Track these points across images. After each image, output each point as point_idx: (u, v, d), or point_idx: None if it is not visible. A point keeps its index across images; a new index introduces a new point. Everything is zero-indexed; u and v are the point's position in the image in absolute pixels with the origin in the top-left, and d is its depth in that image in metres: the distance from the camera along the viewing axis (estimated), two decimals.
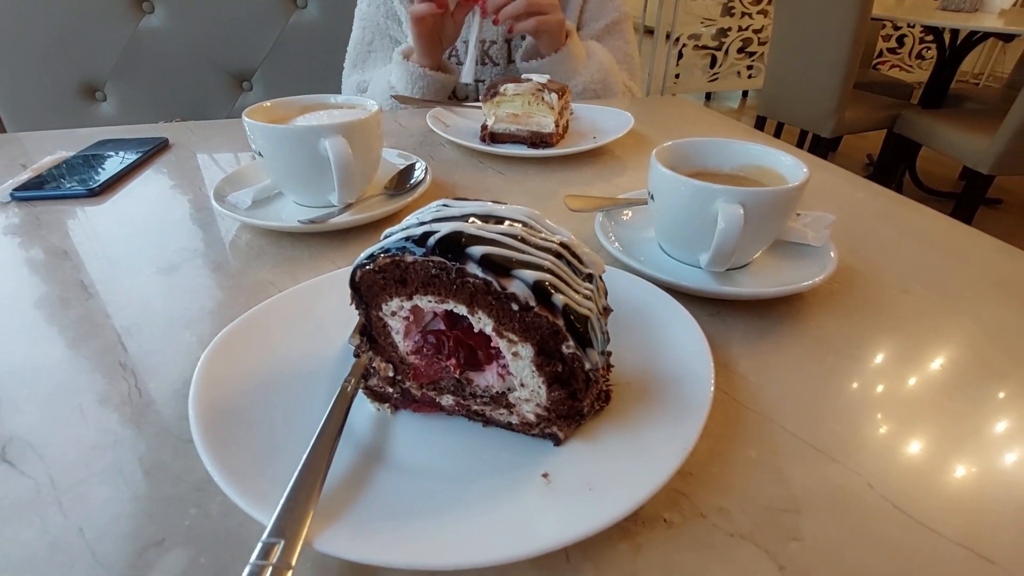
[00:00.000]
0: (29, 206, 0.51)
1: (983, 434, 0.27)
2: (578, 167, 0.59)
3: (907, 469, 0.25)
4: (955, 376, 0.30)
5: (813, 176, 0.56)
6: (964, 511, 0.23)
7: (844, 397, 0.29)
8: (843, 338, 0.33)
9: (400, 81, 0.79)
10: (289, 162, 0.43)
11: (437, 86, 0.80)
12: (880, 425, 0.27)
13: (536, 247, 0.22)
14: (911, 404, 0.28)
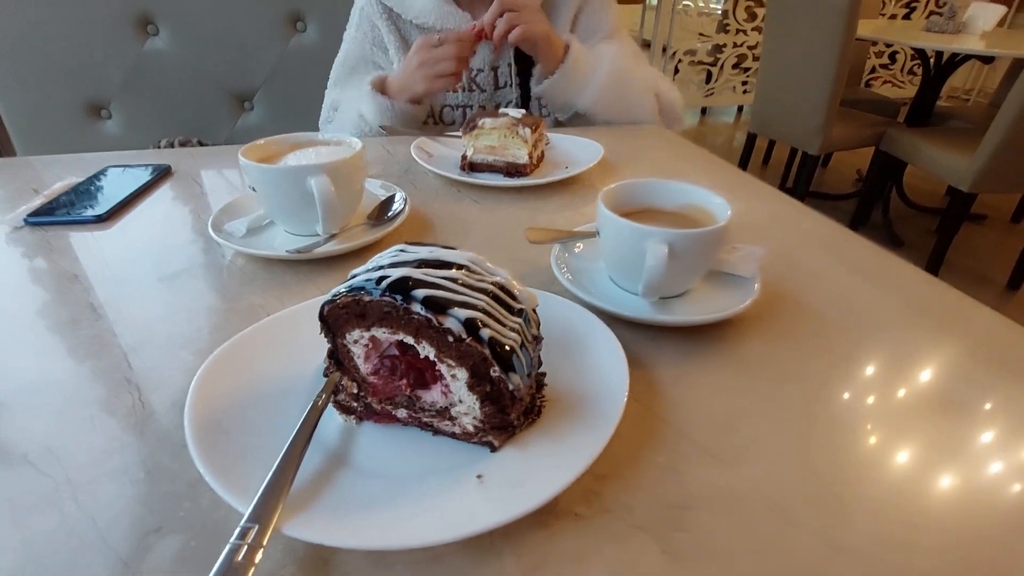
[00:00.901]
0: (42, 231, 0.56)
1: (858, 447, 0.31)
2: (549, 196, 0.64)
3: (786, 474, 0.29)
4: (851, 395, 0.35)
5: (766, 206, 0.61)
6: (826, 509, 0.27)
7: (747, 412, 0.33)
8: (759, 360, 0.38)
9: (370, 111, 0.82)
10: (279, 197, 0.48)
11: (407, 118, 0.83)
12: (772, 437, 0.32)
13: (473, 288, 0.27)
14: (804, 418, 0.33)
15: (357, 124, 0.86)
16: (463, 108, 0.91)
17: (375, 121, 0.83)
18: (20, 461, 0.30)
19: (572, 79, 0.83)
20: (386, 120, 0.82)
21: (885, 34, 2.41)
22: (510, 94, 0.91)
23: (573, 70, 0.82)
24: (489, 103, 0.91)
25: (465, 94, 0.90)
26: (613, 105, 0.88)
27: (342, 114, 0.91)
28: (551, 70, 0.82)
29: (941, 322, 0.43)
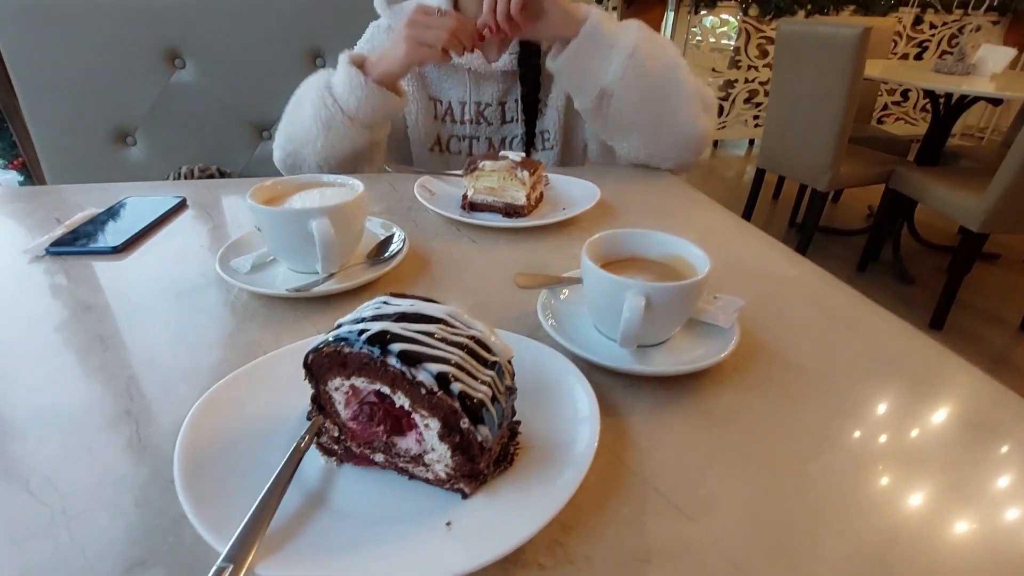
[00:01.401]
0: (61, 260, 0.59)
1: (822, 503, 0.32)
2: (545, 237, 0.66)
3: (748, 529, 0.30)
4: (819, 450, 0.36)
5: (758, 252, 0.62)
6: (786, 565, 0.28)
7: (715, 465, 0.34)
8: (732, 411, 0.39)
9: (340, 83, 0.76)
10: (282, 238, 0.50)
11: (377, 103, 0.77)
12: (737, 490, 0.33)
13: (448, 342, 0.29)
14: (770, 473, 0.34)
15: (320, 98, 0.77)
16: (470, 140, 0.95)
17: (343, 96, 0.76)
18: (21, 489, 0.32)
19: (595, 46, 0.74)
20: (353, 100, 0.76)
21: (894, 75, 2.44)
22: (516, 129, 0.94)
23: (595, 34, 0.73)
24: (495, 136, 0.94)
25: (472, 126, 0.93)
26: (647, 85, 0.76)
27: (306, 87, 0.83)
28: (568, 37, 0.74)
29: (919, 380, 0.44)
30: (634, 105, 0.77)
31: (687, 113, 0.79)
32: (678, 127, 0.80)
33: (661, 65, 0.77)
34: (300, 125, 0.81)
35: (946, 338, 2.20)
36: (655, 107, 0.78)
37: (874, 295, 0.54)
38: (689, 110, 0.79)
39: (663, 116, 0.79)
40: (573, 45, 0.74)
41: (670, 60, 0.78)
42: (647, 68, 0.76)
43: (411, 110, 0.92)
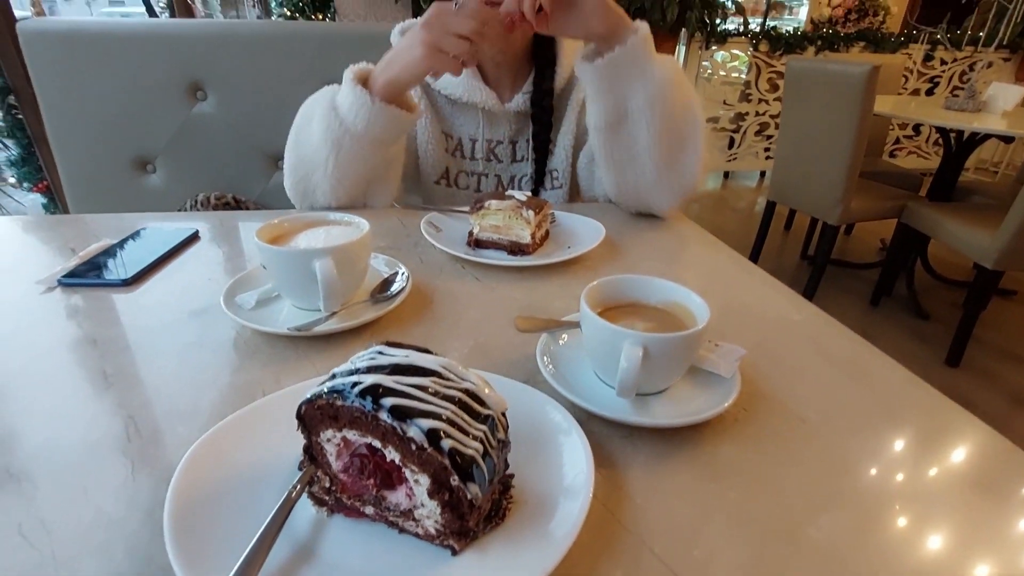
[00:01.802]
0: (72, 291, 0.61)
1: (818, 565, 0.31)
2: (549, 276, 0.66)
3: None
4: (818, 509, 0.35)
5: (761, 295, 0.62)
6: None
7: (712, 523, 0.34)
8: (731, 465, 0.38)
9: (346, 103, 0.74)
10: (286, 276, 0.51)
11: (387, 121, 0.74)
12: (734, 551, 0.32)
13: (440, 396, 0.29)
14: (768, 533, 0.33)
15: (326, 119, 0.75)
16: (479, 176, 0.96)
17: (349, 116, 0.73)
18: (14, 532, 0.32)
19: (635, 63, 0.70)
20: (360, 122, 0.73)
21: (904, 112, 2.45)
22: (526, 168, 0.96)
23: (641, 50, 0.70)
24: (505, 174, 0.96)
25: (483, 162, 0.95)
26: (668, 119, 0.74)
27: (312, 104, 0.81)
28: (607, 43, 0.70)
29: (926, 435, 0.43)
30: (648, 137, 0.75)
31: (694, 157, 0.78)
32: (682, 167, 0.79)
33: (684, 104, 0.76)
34: (309, 147, 0.80)
35: (963, 376, 2.15)
36: (669, 143, 0.76)
37: (888, 330, 0.53)
38: (696, 154, 0.78)
39: (673, 153, 0.77)
40: (617, 54, 0.70)
41: (692, 101, 0.77)
42: (674, 102, 0.74)
43: (422, 141, 0.93)
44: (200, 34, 1.25)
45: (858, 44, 4.01)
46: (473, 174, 0.95)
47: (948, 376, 2.17)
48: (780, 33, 3.95)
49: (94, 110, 1.23)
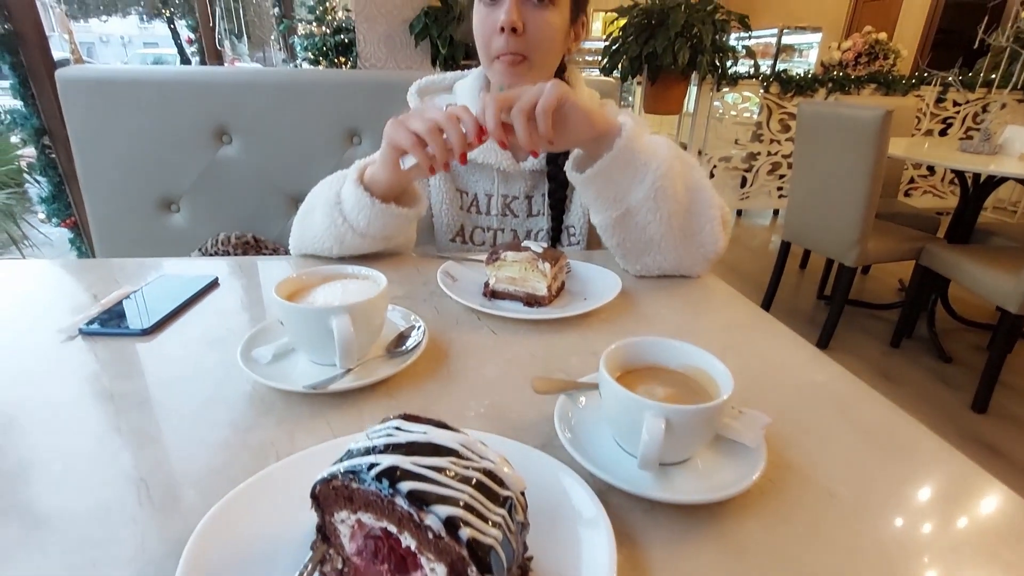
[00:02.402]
0: (92, 341, 0.61)
1: None
2: (565, 329, 0.66)
3: None
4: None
5: (782, 351, 0.60)
6: None
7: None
8: (757, 544, 0.36)
9: (349, 199, 0.75)
10: (303, 333, 0.51)
11: (388, 220, 0.75)
12: None
13: (458, 478, 0.28)
14: None
15: (330, 214, 0.76)
16: (495, 231, 0.96)
17: (352, 213, 0.75)
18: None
19: (627, 163, 0.70)
20: (362, 220, 0.74)
21: (919, 154, 2.45)
22: (542, 223, 0.96)
23: (629, 150, 0.69)
24: (521, 229, 0.96)
25: (498, 218, 0.95)
26: (674, 206, 0.73)
27: (318, 194, 0.82)
28: (597, 149, 0.70)
29: (964, 510, 0.41)
30: (658, 224, 0.73)
31: (710, 225, 0.77)
32: (702, 238, 0.77)
33: (688, 187, 0.75)
34: (313, 235, 0.82)
35: (990, 422, 2.08)
36: (682, 223, 0.75)
37: (910, 373, 0.51)
38: (713, 221, 0.77)
39: (688, 229, 0.76)
40: (605, 162, 0.69)
41: (696, 182, 0.76)
42: (676, 189, 0.73)
43: (436, 199, 0.95)
44: (227, 82, 1.30)
45: (869, 86, 4.05)
46: (489, 229, 0.96)
47: (975, 422, 2.09)
48: (791, 76, 4.01)
49: (123, 151, 1.28)
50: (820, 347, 2.55)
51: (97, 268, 0.83)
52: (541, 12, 0.80)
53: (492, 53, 0.82)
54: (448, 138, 0.65)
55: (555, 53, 0.86)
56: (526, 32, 0.80)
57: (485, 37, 0.82)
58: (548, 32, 0.81)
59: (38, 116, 2.16)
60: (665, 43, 3.28)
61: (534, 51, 0.81)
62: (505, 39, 0.79)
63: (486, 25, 0.82)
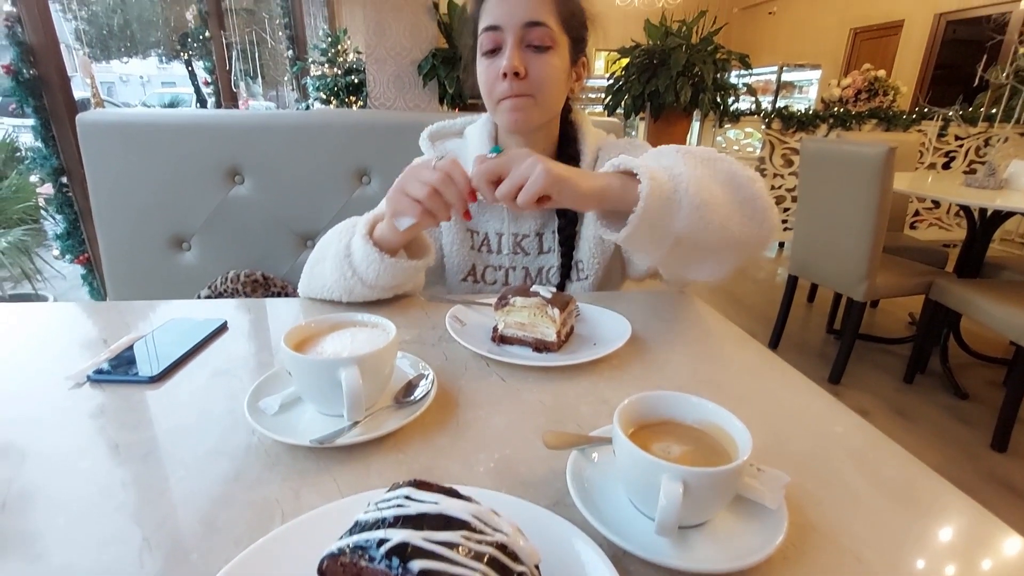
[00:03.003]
0: (100, 388, 0.61)
1: None
2: (576, 376, 0.65)
3: None
4: None
5: (796, 399, 0.59)
6: None
7: None
8: None
9: (358, 252, 0.75)
10: (310, 384, 0.51)
11: (397, 273, 0.76)
12: None
13: (471, 554, 0.27)
14: None
15: (339, 266, 0.77)
16: (506, 270, 0.96)
17: (361, 266, 0.75)
18: None
19: (657, 211, 0.65)
20: (371, 273, 0.75)
21: (924, 189, 2.46)
22: (553, 259, 0.96)
23: (653, 199, 0.64)
24: (532, 266, 0.96)
25: (510, 256, 0.96)
26: (720, 204, 0.69)
27: (328, 243, 0.83)
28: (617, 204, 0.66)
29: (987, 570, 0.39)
30: (714, 232, 0.69)
31: (763, 208, 0.73)
32: (759, 225, 0.73)
33: (722, 181, 0.71)
34: (322, 284, 0.83)
35: (1011, 462, 2.02)
36: (738, 222, 0.71)
37: (926, 410, 0.50)
38: (764, 204, 0.73)
39: (747, 222, 0.72)
40: (634, 224, 0.65)
41: (725, 171, 0.72)
42: (714, 193, 0.68)
43: (447, 240, 0.95)
44: (241, 124, 1.34)
45: (870, 122, 4.11)
46: (500, 268, 0.96)
47: (996, 462, 2.03)
48: (792, 112, 4.07)
49: (138, 191, 1.30)
50: (832, 383, 2.52)
51: (108, 311, 0.83)
52: (541, 56, 0.83)
53: (496, 97, 0.85)
54: (447, 199, 0.67)
55: (558, 94, 0.88)
56: (528, 75, 0.83)
57: (489, 84, 0.85)
58: (550, 73, 0.84)
59: (57, 156, 2.22)
60: (667, 82, 3.36)
61: (538, 91, 0.84)
62: (508, 83, 0.82)
63: (489, 74, 0.85)
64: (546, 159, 0.65)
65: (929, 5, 6.27)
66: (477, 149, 0.94)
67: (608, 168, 0.70)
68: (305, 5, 6.03)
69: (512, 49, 0.82)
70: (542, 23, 0.83)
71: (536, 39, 0.83)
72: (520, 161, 0.64)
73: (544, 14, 0.83)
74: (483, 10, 0.86)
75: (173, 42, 3.36)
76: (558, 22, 0.85)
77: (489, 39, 0.84)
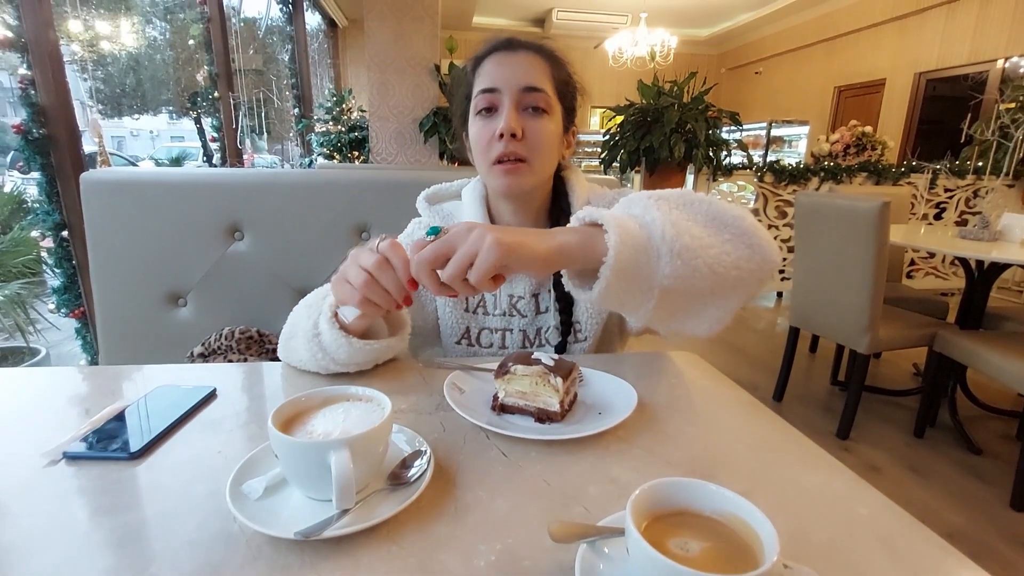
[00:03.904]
0: (76, 465, 0.57)
1: None
2: (582, 450, 0.61)
3: None
4: None
5: (816, 477, 0.55)
6: None
7: None
8: None
9: (326, 335, 0.72)
10: (298, 468, 0.48)
11: (370, 354, 0.74)
12: None
13: None
14: None
15: (310, 348, 0.73)
16: (503, 332, 0.94)
17: (330, 347, 0.72)
18: None
19: (631, 257, 0.60)
20: (342, 354, 0.72)
21: (920, 241, 2.48)
22: (550, 319, 0.94)
23: (623, 257, 0.59)
24: (529, 328, 0.94)
25: (505, 318, 0.94)
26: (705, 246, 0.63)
27: (299, 319, 0.78)
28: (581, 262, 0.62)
29: None
30: (703, 278, 0.63)
31: (756, 243, 0.67)
32: (755, 265, 0.67)
33: (703, 222, 0.65)
34: (298, 359, 0.79)
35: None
36: (730, 262, 0.65)
37: (939, 466, 0.46)
38: (755, 239, 0.66)
39: (740, 260, 0.65)
40: (605, 282, 0.59)
41: (705, 210, 0.66)
42: (696, 235, 0.63)
43: (440, 302, 0.94)
44: (243, 183, 1.35)
45: (860, 175, 4.20)
46: (496, 331, 0.94)
47: (1016, 522, 1.95)
48: (783, 166, 4.17)
49: (136, 247, 1.30)
50: (840, 438, 2.46)
51: (93, 377, 0.80)
52: (538, 119, 0.84)
53: (491, 158, 0.85)
54: (384, 286, 0.63)
55: (552, 158, 0.89)
56: (525, 137, 0.83)
57: (484, 144, 0.85)
58: (545, 136, 0.85)
59: (60, 211, 2.23)
60: (661, 138, 3.45)
61: (533, 154, 0.84)
62: (504, 143, 0.82)
63: (484, 134, 0.85)
64: (492, 227, 0.59)
65: (908, 65, 6.56)
66: (471, 212, 0.94)
67: (574, 221, 0.65)
68: (313, 67, 6.29)
69: (510, 110, 0.83)
70: (540, 88, 0.84)
71: (533, 102, 0.84)
72: (464, 237, 0.58)
73: (542, 80, 0.85)
74: (480, 72, 0.87)
75: (183, 100, 3.51)
76: (553, 89, 0.87)
77: (485, 100, 0.85)
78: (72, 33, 4.73)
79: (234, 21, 5.32)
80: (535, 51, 0.87)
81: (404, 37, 3.93)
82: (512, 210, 0.93)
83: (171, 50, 8.03)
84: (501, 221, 0.94)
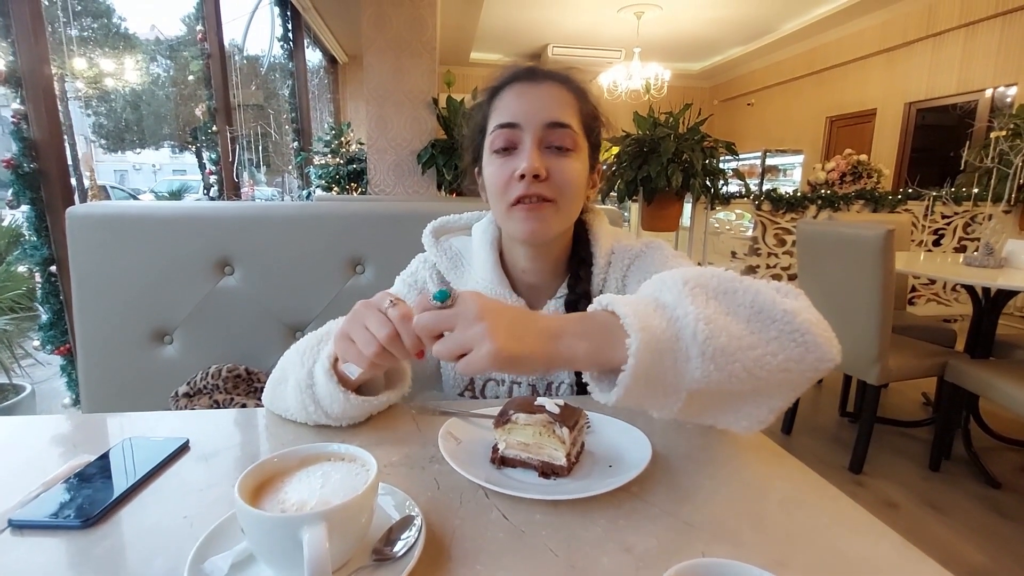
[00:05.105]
0: (21, 536, 0.51)
1: None
2: (591, 511, 0.55)
3: None
4: None
5: (853, 540, 0.48)
6: None
7: None
8: None
9: (321, 387, 0.67)
10: (267, 546, 0.41)
11: (365, 409, 0.69)
12: None
13: None
14: None
15: (301, 399, 0.68)
16: (510, 384, 0.86)
17: (324, 400, 0.67)
18: None
19: (655, 356, 0.52)
20: (336, 408, 0.67)
21: (925, 269, 2.45)
22: (564, 375, 0.86)
23: (648, 357, 0.52)
24: (540, 382, 0.86)
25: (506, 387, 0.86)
26: (744, 347, 0.53)
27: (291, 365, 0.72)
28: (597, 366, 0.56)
29: None
30: (740, 380, 0.54)
31: (807, 343, 0.56)
32: (805, 367, 0.56)
33: (745, 316, 0.56)
34: (285, 408, 0.72)
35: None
36: (776, 363, 0.55)
37: (958, 501, 0.39)
38: (806, 337, 0.55)
39: (786, 362, 0.55)
40: (623, 389, 0.53)
41: (748, 301, 0.57)
42: (734, 333, 0.54)
43: None
44: (233, 216, 1.30)
45: (857, 203, 4.20)
46: (503, 383, 0.85)
47: None
48: (781, 194, 4.18)
49: (122, 282, 1.25)
50: (853, 472, 2.36)
51: (56, 426, 0.74)
52: (563, 159, 0.76)
53: (510, 199, 0.76)
54: (395, 354, 0.59)
55: (578, 202, 0.80)
56: (550, 178, 0.75)
57: (502, 185, 0.76)
58: (572, 176, 0.76)
59: (48, 246, 2.19)
60: (658, 168, 3.45)
61: (560, 195, 0.76)
62: (526, 184, 0.74)
63: (503, 173, 0.76)
64: (499, 329, 0.52)
65: (898, 95, 6.67)
66: (481, 258, 0.86)
67: (595, 305, 0.58)
68: (313, 102, 6.38)
69: (532, 150, 0.74)
70: (566, 124, 0.76)
71: (558, 140, 0.75)
72: (467, 326, 0.53)
73: (568, 115, 0.76)
74: (497, 104, 0.78)
75: (184, 135, 3.55)
76: (580, 124, 0.78)
77: (503, 137, 0.76)
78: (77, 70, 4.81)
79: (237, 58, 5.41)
80: (560, 82, 0.79)
81: (402, 72, 3.98)
82: (529, 255, 0.83)
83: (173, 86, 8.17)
84: (515, 269, 0.85)
